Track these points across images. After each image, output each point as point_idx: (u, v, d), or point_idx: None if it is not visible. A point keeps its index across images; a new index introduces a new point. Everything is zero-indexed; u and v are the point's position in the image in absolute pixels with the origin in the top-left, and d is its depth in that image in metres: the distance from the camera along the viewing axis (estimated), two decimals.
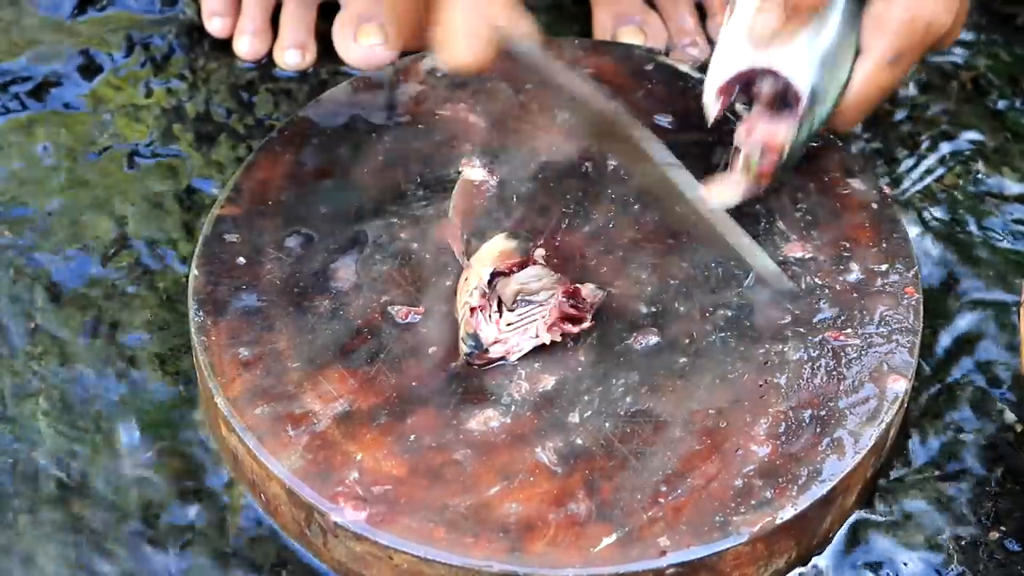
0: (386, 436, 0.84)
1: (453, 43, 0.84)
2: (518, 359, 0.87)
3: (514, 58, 0.86)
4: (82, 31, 1.12)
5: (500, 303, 0.86)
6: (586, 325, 0.88)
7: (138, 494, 0.89)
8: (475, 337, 0.86)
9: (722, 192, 0.90)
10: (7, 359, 0.94)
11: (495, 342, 0.86)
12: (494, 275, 0.87)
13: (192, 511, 0.88)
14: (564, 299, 0.86)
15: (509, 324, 0.86)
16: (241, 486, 0.89)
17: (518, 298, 0.86)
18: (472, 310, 0.86)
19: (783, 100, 0.90)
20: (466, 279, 0.88)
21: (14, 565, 0.86)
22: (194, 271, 0.91)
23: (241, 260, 0.92)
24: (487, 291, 0.86)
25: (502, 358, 0.87)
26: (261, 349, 0.88)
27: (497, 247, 0.88)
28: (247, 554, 0.87)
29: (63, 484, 0.89)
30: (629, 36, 1.11)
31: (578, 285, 0.88)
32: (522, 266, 0.88)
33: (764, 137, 0.90)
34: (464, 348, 0.86)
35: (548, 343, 0.87)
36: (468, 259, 0.90)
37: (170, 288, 0.98)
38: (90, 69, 1.10)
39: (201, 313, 0.89)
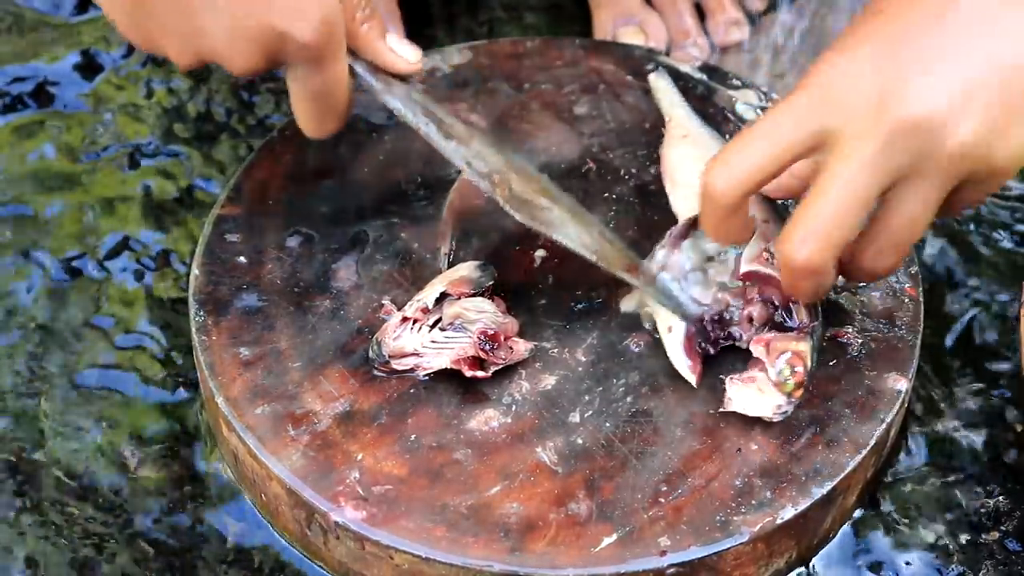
0: (386, 436, 0.85)
1: (307, 122, 0.88)
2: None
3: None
4: (82, 31, 1.12)
5: (439, 322, 0.86)
6: (485, 374, 0.86)
7: (139, 495, 0.89)
8: (380, 345, 0.86)
9: (752, 403, 0.85)
10: (7, 359, 0.94)
11: (412, 353, 0.86)
12: (444, 296, 0.87)
13: (192, 512, 0.88)
14: (480, 339, 0.86)
15: (434, 342, 0.86)
16: (241, 486, 0.89)
17: (455, 322, 0.86)
18: (404, 319, 0.87)
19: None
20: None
21: (16, 565, 0.86)
22: (195, 271, 0.91)
23: (242, 260, 0.92)
24: (430, 307, 0.86)
25: (411, 370, 0.87)
26: (261, 349, 0.88)
27: (460, 272, 0.89)
28: (247, 556, 0.87)
29: (64, 484, 0.89)
30: (629, 36, 1.11)
31: (512, 336, 0.87)
32: (473, 296, 0.88)
33: (790, 359, 0.84)
34: (370, 352, 0.87)
35: (465, 370, 0.86)
36: (449, 262, 0.91)
37: (171, 288, 0.98)
38: (90, 69, 1.10)
39: (202, 313, 0.89)
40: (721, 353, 0.87)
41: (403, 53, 0.88)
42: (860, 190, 0.76)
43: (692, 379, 0.86)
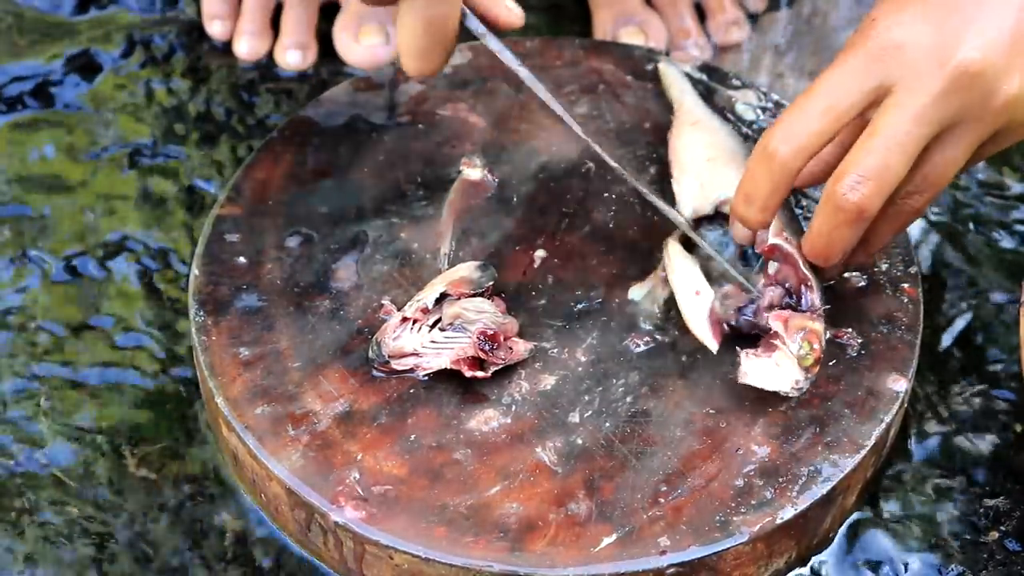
0: (386, 436, 0.85)
1: (411, 55, 0.87)
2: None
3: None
4: (82, 31, 1.12)
5: (439, 322, 0.86)
6: (484, 374, 0.86)
7: (139, 495, 0.89)
8: (380, 345, 0.86)
9: (769, 377, 0.84)
10: (7, 359, 0.94)
11: (412, 354, 0.86)
12: (444, 296, 0.87)
13: (192, 511, 0.88)
14: (479, 340, 0.86)
15: (434, 342, 0.86)
16: (242, 486, 0.89)
17: (454, 322, 0.86)
18: (404, 319, 0.87)
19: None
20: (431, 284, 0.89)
21: (16, 565, 0.86)
22: (195, 271, 0.91)
23: (241, 260, 0.92)
24: (430, 308, 0.87)
25: (410, 370, 0.87)
26: (261, 349, 0.88)
27: (460, 272, 0.89)
28: (246, 555, 0.87)
29: (64, 485, 0.89)
30: (629, 36, 1.11)
31: (512, 336, 0.87)
32: (473, 296, 0.88)
33: (807, 335, 0.84)
34: (370, 352, 0.87)
35: (465, 371, 0.86)
36: (449, 261, 0.91)
37: (170, 288, 0.98)
38: (90, 69, 1.10)
39: (202, 313, 0.89)
40: (729, 339, 0.87)
41: (512, 7, 0.91)
42: (915, 137, 0.79)
43: (713, 345, 0.86)
